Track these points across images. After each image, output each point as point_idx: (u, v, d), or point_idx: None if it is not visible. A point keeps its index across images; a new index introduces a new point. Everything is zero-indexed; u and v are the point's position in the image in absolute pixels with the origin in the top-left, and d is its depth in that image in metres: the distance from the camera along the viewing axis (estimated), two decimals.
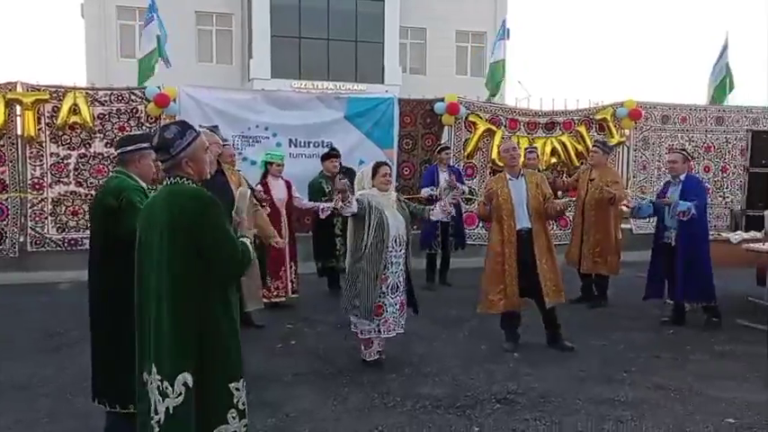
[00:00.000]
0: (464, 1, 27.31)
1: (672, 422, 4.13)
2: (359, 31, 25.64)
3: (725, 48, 10.99)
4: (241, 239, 2.90)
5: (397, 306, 4.98)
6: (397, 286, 4.96)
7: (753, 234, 7.28)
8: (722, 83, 10.59)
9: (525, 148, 8.43)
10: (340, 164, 7.49)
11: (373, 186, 5.00)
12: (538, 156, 8.32)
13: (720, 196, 10.19)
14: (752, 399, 4.52)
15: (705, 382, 4.85)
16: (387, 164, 5.27)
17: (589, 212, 6.99)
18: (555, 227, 8.67)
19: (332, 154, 7.54)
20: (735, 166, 10.05)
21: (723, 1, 58.22)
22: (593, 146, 7.58)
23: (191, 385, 2.69)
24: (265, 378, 4.79)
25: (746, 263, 6.73)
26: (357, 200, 4.82)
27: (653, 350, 5.63)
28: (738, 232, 7.57)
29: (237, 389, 2.87)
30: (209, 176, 3.04)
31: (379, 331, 4.94)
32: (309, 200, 7.35)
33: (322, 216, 7.12)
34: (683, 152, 6.69)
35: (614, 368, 5.15)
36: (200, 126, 5.29)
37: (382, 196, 4.96)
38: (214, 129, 5.41)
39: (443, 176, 7.90)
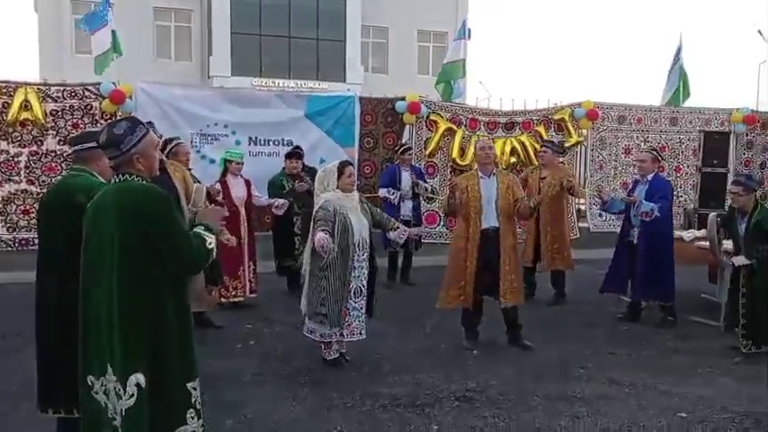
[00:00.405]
0: (426, 1, 27.42)
1: (626, 417, 4.21)
2: (320, 28, 25.53)
3: (679, 49, 11.25)
4: (197, 232, 2.85)
5: (363, 310, 4.95)
6: (361, 290, 4.91)
7: (705, 232, 7.47)
8: (677, 90, 10.86)
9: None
10: (303, 164, 7.45)
11: (338, 187, 4.89)
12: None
13: (674, 195, 10.43)
14: (703, 393, 4.63)
15: (658, 377, 4.95)
16: (351, 164, 5.20)
17: (544, 210, 7.06)
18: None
19: (295, 153, 7.48)
20: (688, 166, 10.29)
21: (677, 4, 59.67)
22: (543, 145, 7.68)
23: (143, 386, 2.64)
24: (224, 379, 4.73)
25: (699, 260, 6.90)
26: (323, 211, 4.73)
27: (608, 346, 5.73)
28: (691, 230, 7.77)
29: (194, 388, 2.84)
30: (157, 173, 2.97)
31: (343, 335, 4.91)
32: (269, 197, 7.29)
33: (277, 212, 7.06)
34: (654, 152, 6.79)
35: (571, 365, 5.23)
36: None
37: (346, 198, 4.88)
38: (148, 125, 5.28)
39: (406, 176, 7.93)
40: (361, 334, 4.96)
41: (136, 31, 21.89)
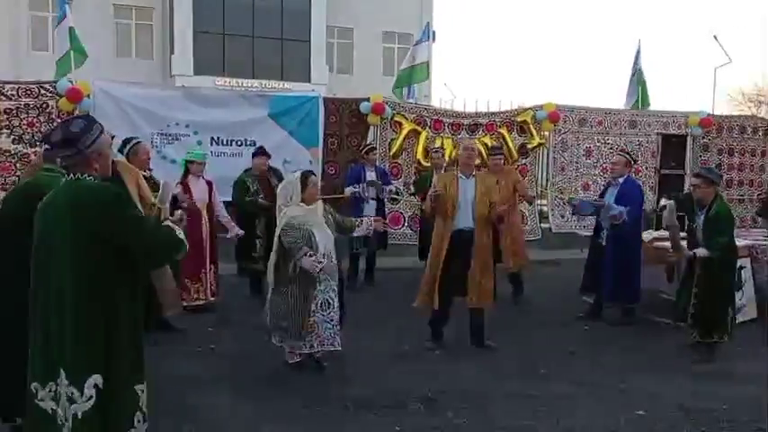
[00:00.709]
0: (391, 2, 27.46)
1: (586, 416, 4.27)
2: (285, 28, 25.38)
3: (638, 54, 11.47)
4: (165, 224, 2.82)
5: (334, 322, 4.81)
6: (329, 303, 4.77)
7: (662, 233, 7.61)
8: (636, 100, 11.10)
9: (432, 148, 8.64)
10: (269, 166, 7.41)
11: (302, 200, 4.75)
12: (443, 155, 8.42)
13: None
14: (660, 390, 4.72)
15: (617, 375, 5.03)
16: (314, 173, 5.09)
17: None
18: None
19: (263, 151, 7.43)
20: (647, 168, 10.46)
21: (636, 10, 60.89)
22: (495, 154, 7.66)
23: (101, 387, 2.59)
24: (184, 383, 4.66)
25: (657, 260, 7.02)
26: (290, 228, 4.65)
27: (569, 346, 5.80)
28: (650, 231, 7.90)
29: (142, 390, 2.79)
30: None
31: (312, 346, 4.78)
32: (233, 197, 7.23)
33: (230, 236, 7.05)
34: (627, 155, 6.88)
35: (532, 364, 5.28)
36: None
37: (309, 211, 4.76)
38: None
39: (370, 176, 7.92)
40: (333, 345, 4.80)
41: (95, 29, 21.42)
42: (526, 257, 7.41)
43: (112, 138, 5.54)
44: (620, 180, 6.54)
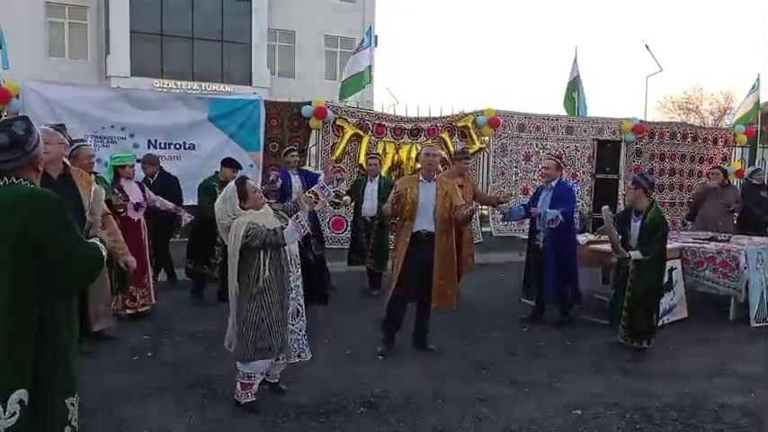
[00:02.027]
0: (333, 7, 27.45)
1: (525, 416, 4.33)
2: (225, 30, 25.01)
3: (575, 61, 11.80)
4: (93, 242, 2.71)
5: (302, 332, 4.46)
6: (298, 311, 4.41)
7: (598, 236, 7.82)
8: (574, 103, 11.42)
9: (368, 155, 8.68)
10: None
11: (246, 208, 4.20)
12: (380, 162, 8.44)
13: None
14: (595, 389, 4.84)
15: (555, 376, 5.13)
16: (247, 177, 4.48)
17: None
18: None
19: (232, 162, 7.27)
20: (583, 173, 10.75)
21: (572, 19, 62.62)
22: (464, 158, 7.69)
23: (26, 402, 2.47)
24: (117, 394, 4.50)
25: (593, 262, 7.21)
26: (253, 225, 4.07)
27: (510, 347, 5.89)
28: (586, 234, 8.11)
29: (72, 404, 2.67)
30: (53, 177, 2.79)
31: (278, 358, 4.35)
32: (199, 203, 7.10)
33: (183, 223, 6.98)
34: (557, 159, 7.03)
35: (473, 366, 5.33)
36: (46, 124, 4.88)
37: (260, 215, 4.23)
38: (59, 127, 4.98)
39: (295, 180, 7.66)
40: (299, 356, 4.44)
41: (25, 28, 20.68)
42: (473, 260, 7.50)
43: (71, 143, 5.35)
44: (553, 184, 6.71)
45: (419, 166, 9.47)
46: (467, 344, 5.98)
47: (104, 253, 2.74)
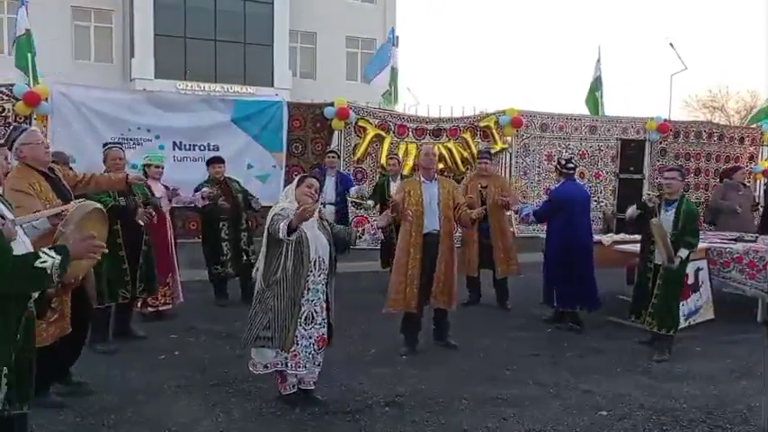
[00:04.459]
0: (354, 7, 27.56)
1: (551, 417, 4.32)
2: (247, 32, 25.21)
3: (598, 61, 11.71)
4: (38, 254, 2.58)
5: (313, 340, 4.30)
6: (313, 317, 4.29)
7: (623, 236, 7.77)
8: (597, 103, 11.37)
9: (388, 155, 8.76)
10: (225, 177, 7.38)
11: (296, 198, 4.33)
12: (399, 162, 8.47)
13: (594, 201, 10.81)
14: (621, 391, 4.81)
15: (580, 377, 5.11)
16: (315, 178, 4.59)
17: (490, 219, 7.19)
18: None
19: (216, 158, 7.41)
20: (607, 173, 10.68)
21: (596, 17, 62.12)
22: (482, 157, 7.73)
23: None
24: (146, 392, 4.58)
25: (617, 263, 7.16)
26: (279, 216, 4.13)
27: (533, 348, 5.87)
28: (610, 234, 8.06)
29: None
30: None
31: (286, 365, 4.29)
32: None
33: (200, 204, 7.00)
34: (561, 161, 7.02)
35: (497, 367, 5.33)
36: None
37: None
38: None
39: (330, 180, 7.89)
40: (305, 367, 4.29)
41: (52, 32, 21.01)
42: (517, 263, 7.47)
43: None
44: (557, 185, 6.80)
45: (440, 166, 9.53)
46: (490, 344, 5.97)
47: (45, 263, 2.57)
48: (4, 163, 3.22)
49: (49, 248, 2.62)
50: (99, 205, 3.30)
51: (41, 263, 2.55)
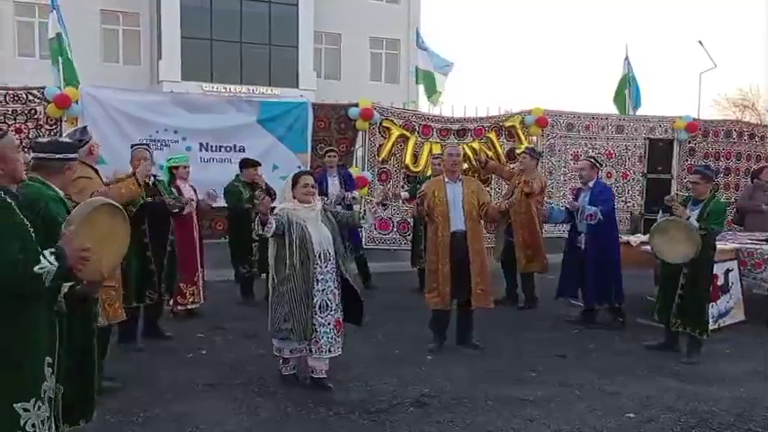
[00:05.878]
0: (378, 8, 27.60)
1: (577, 419, 4.29)
2: (272, 34, 25.39)
3: (626, 58, 11.59)
4: (45, 253, 2.53)
5: (331, 326, 4.62)
6: (327, 305, 4.59)
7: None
8: (624, 101, 11.27)
9: (432, 155, 8.65)
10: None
11: (294, 198, 4.64)
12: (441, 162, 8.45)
13: (621, 201, 10.68)
14: (649, 393, 4.75)
15: (607, 378, 5.06)
16: (309, 173, 4.97)
17: (518, 214, 7.14)
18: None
19: (250, 161, 7.42)
20: (634, 172, 10.55)
21: (623, 15, 61.42)
22: (523, 152, 7.71)
23: None
24: (174, 390, 4.64)
25: (645, 264, 7.07)
26: (276, 216, 4.52)
27: (559, 349, 5.83)
28: (638, 235, 7.96)
29: (26, 409, 2.61)
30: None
31: (311, 351, 4.60)
32: (229, 203, 7.24)
33: (211, 202, 6.93)
34: (591, 159, 6.96)
35: (522, 368, 5.30)
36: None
37: (304, 209, 4.61)
38: (82, 132, 4.92)
39: (332, 182, 7.89)
40: (330, 351, 4.62)
41: (81, 35, 21.28)
42: (543, 260, 7.43)
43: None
44: (591, 184, 6.64)
45: (465, 166, 9.49)
46: (515, 345, 5.94)
47: (43, 269, 2.51)
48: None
49: (51, 253, 2.54)
50: (107, 200, 3.09)
51: (40, 268, 2.49)
